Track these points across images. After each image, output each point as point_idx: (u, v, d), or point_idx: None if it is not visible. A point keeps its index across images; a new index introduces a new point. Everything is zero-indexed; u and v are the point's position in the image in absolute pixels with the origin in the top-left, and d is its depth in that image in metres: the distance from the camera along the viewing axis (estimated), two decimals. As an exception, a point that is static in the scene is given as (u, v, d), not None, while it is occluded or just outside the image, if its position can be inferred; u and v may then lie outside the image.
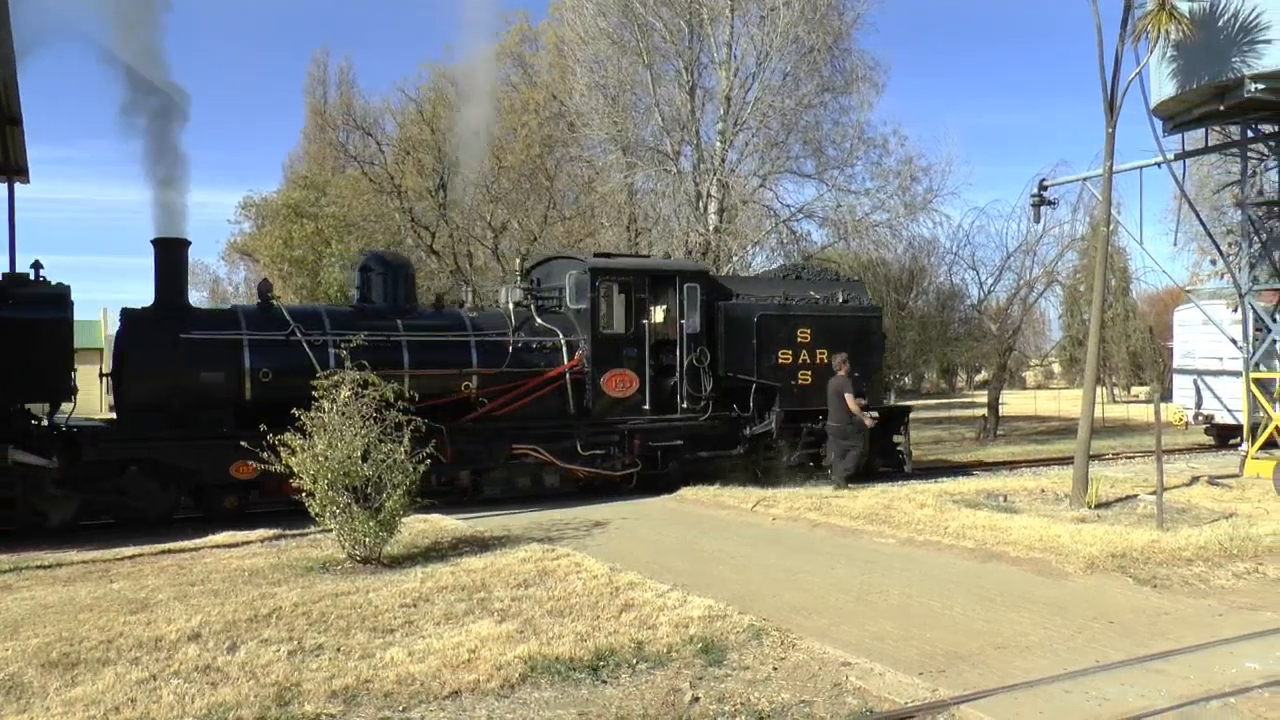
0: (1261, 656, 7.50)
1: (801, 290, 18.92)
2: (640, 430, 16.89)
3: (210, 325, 14.64)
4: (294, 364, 14.30)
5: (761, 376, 17.83)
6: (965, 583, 9.97)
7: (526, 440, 15.93)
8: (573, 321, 16.98)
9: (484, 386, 15.85)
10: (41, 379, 13.21)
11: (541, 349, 16.47)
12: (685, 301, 17.24)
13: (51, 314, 13.33)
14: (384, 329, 15.34)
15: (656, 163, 28.43)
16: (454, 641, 7.49)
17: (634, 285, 16.97)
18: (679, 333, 17.23)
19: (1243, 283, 18.70)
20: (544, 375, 16.31)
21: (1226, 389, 23.76)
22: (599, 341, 16.62)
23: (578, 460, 16.36)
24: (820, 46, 28.21)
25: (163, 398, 13.85)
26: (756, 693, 6.61)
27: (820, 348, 18.16)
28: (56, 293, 13.61)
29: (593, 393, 16.58)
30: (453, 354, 15.81)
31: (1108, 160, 15.18)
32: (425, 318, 16.21)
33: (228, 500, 14.40)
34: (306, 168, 43.74)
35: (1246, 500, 14.88)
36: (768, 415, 17.92)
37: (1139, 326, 54.22)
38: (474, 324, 16.32)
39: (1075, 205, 34.73)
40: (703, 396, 17.39)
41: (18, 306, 13.10)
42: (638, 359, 16.93)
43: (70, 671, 6.94)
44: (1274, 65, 16.20)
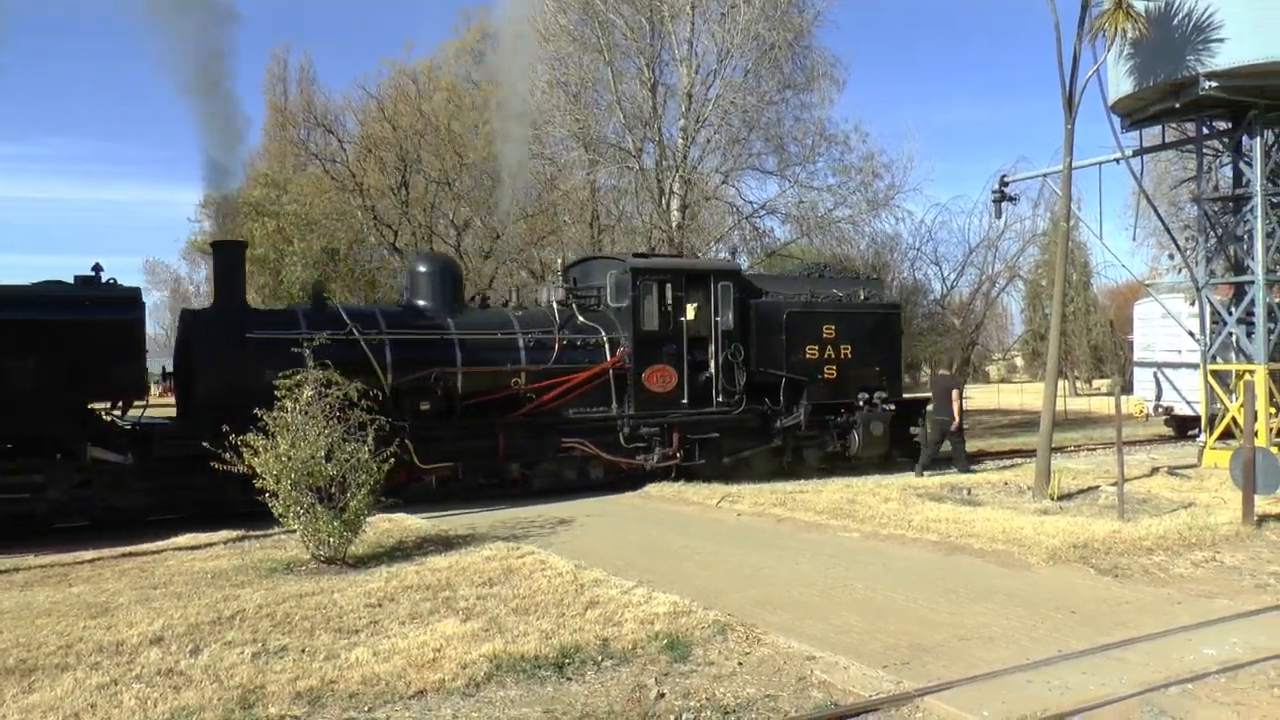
0: (1218, 643, 7.62)
1: (825, 288, 19.51)
2: (679, 423, 17.49)
3: (272, 325, 14.97)
4: (353, 362, 14.57)
5: (790, 371, 18.45)
6: (929, 575, 10.04)
7: (574, 434, 16.55)
8: (613, 319, 17.49)
9: (531, 382, 16.39)
10: (116, 378, 13.55)
11: (585, 346, 17.04)
12: (719, 299, 17.84)
13: (124, 314, 13.69)
14: (436, 328, 15.95)
15: (619, 160, 28.40)
16: (419, 641, 7.46)
17: (672, 284, 17.57)
18: (714, 329, 17.83)
19: (1199, 277, 18.95)
20: (589, 371, 16.87)
21: (1185, 381, 24.05)
22: (640, 338, 17.23)
23: (620, 453, 16.96)
24: (781, 44, 28.27)
25: (228, 396, 13.88)
26: (722, 688, 6.63)
27: (844, 343, 18.92)
28: (128, 294, 14.03)
29: (634, 388, 17.17)
30: (502, 352, 16.34)
31: (1067, 156, 15.33)
32: (474, 316, 16.79)
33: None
34: (267, 165, 43.32)
35: (1205, 490, 15.10)
36: (796, 409, 18.50)
37: (1100, 320, 54.77)
38: (521, 322, 16.81)
39: (1036, 201, 35.11)
40: (736, 391, 17.97)
41: (93, 308, 13.41)
42: (676, 355, 17.54)
43: (28, 678, 6.84)
44: (1227, 64, 16.43)
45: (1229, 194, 18.86)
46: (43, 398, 12.86)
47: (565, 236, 31.83)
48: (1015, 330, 56.60)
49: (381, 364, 15.19)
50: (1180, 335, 21.95)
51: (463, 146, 32.24)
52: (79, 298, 13.51)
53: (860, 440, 18.88)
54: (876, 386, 19.08)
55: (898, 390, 19.99)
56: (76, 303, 13.40)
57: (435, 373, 15.62)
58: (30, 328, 12.92)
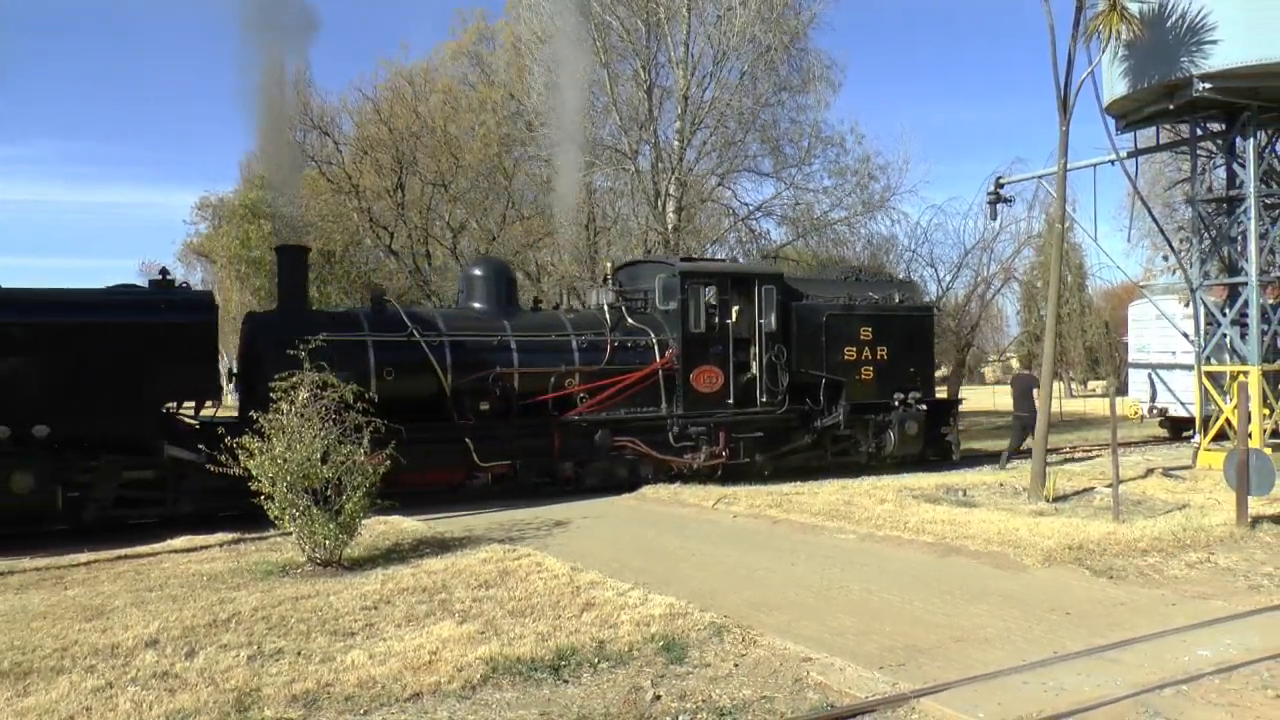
0: (1213, 644, 7.63)
1: (862, 291, 20.02)
2: (726, 423, 17.93)
3: (338, 327, 15.21)
4: (415, 363, 15.45)
5: (830, 372, 18.97)
6: (925, 577, 10.05)
7: (625, 433, 16.99)
8: (660, 321, 17.96)
9: (584, 383, 16.91)
10: (192, 379, 13.95)
11: (635, 347, 17.51)
12: (763, 302, 18.30)
13: (200, 317, 14.12)
14: (494, 330, 16.47)
15: (615, 162, 28.42)
16: (415, 643, 7.45)
17: (718, 287, 17.99)
18: (758, 331, 18.28)
19: (1194, 278, 18.98)
20: (640, 372, 17.36)
21: (1180, 382, 24.09)
22: (688, 340, 17.69)
23: (669, 451, 17.41)
24: (777, 46, 28.32)
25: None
26: (718, 690, 6.63)
27: (881, 345, 19.46)
28: (202, 298, 14.72)
29: (683, 388, 17.63)
30: (556, 353, 16.84)
31: (1062, 158, 15.37)
32: (529, 319, 17.28)
33: None
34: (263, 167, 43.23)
35: (1199, 491, 15.12)
36: (835, 408, 19.02)
37: (1095, 322, 54.81)
38: (573, 325, 17.33)
39: (1031, 203, 35.01)
40: (779, 391, 18.42)
41: (170, 310, 13.86)
42: (722, 356, 17.97)
43: (22, 681, 6.83)
44: (1221, 65, 16.48)
45: (1223, 195, 18.90)
46: (122, 398, 13.23)
47: (561, 239, 31.82)
48: (1011, 332, 56.55)
49: (442, 365, 15.71)
50: (1175, 337, 21.96)
51: (459, 148, 32.25)
52: (155, 301, 13.98)
53: (895, 439, 19.45)
54: (911, 387, 19.66)
55: (931, 391, 20.58)
56: (153, 306, 13.88)
57: (493, 373, 16.13)
58: (110, 330, 13.36)
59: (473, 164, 32.11)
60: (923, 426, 19.70)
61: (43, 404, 12.88)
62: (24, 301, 13.22)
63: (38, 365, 12.90)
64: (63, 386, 12.98)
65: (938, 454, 20.40)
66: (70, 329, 13.12)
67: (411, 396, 15.27)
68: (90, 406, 13.07)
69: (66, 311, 13.41)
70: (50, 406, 12.90)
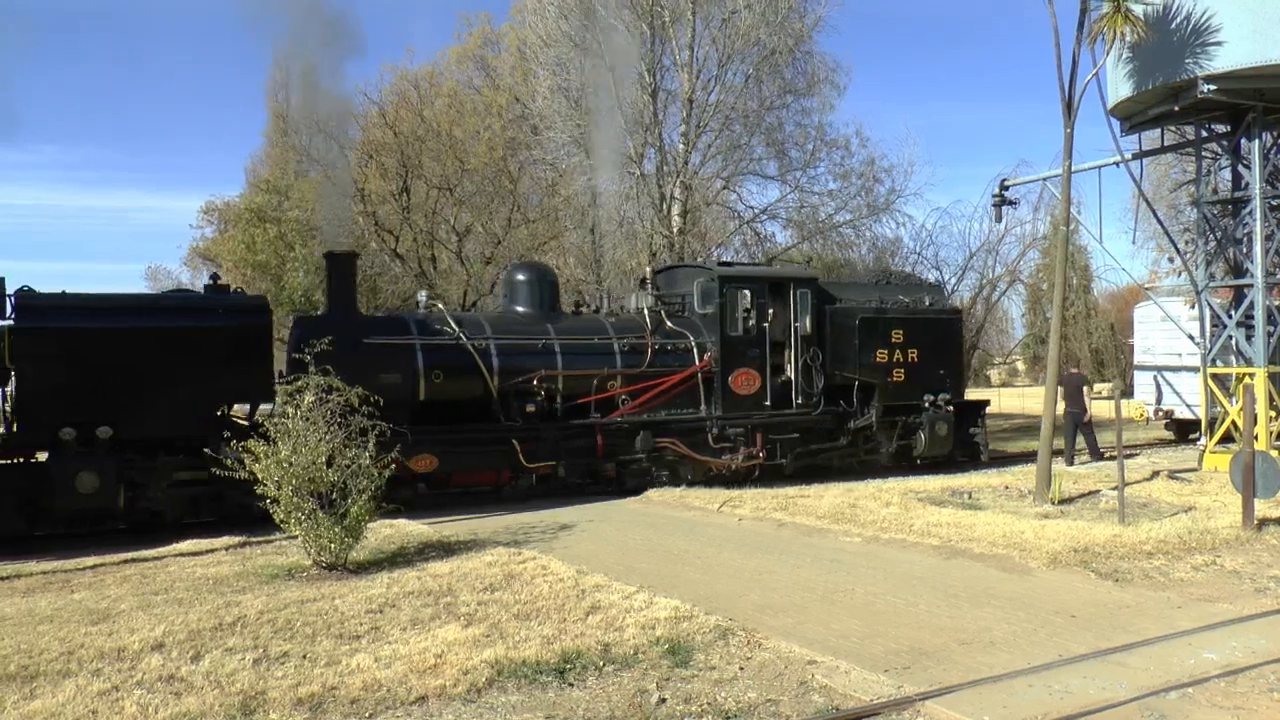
0: (1218, 647, 7.62)
1: (893, 294, 20.31)
2: (763, 425, 18.24)
3: (385, 330, 15.82)
4: (462, 365, 15.85)
5: (863, 374, 19.28)
6: (930, 580, 10.05)
7: (666, 435, 17.35)
8: (699, 325, 18.27)
9: (626, 385, 17.27)
10: (246, 380, 14.19)
11: (675, 350, 17.87)
12: (798, 305, 18.68)
13: (256, 320, 14.44)
14: (538, 333, 16.84)
15: (620, 165, 28.42)
16: (420, 647, 7.47)
17: (754, 291, 18.38)
18: (793, 334, 18.66)
19: (1199, 280, 18.95)
20: (679, 375, 17.72)
21: (1185, 384, 24.04)
22: (726, 343, 18.04)
23: (708, 452, 17.74)
24: (782, 49, 28.32)
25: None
26: (723, 693, 6.64)
27: (912, 347, 19.75)
28: (257, 302, 15.20)
29: (721, 390, 17.94)
30: (599, 356, 17.18)
31: (1067, 160, 15.34)
32: (571, 322, 17.69)
33: (405, 490, 15.15)
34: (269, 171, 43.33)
35: (1205, 494, 15.08)
36: (867, 410, 19.33)
37: (1100, 324, 54.70)
38: (614, 328, 17.65)
39: (1036, 205, 35.03)
40: (815, 393, 18.82)
41: (227, 314, 14.21)
42: (759, 359, 18.32)
43: (29, 684, 6.86)
44: (1226, 66, 16.45)
45: (1228, 197, 18.86)
46: (180, 400, 13.51)
47: (566, 242, 31.85)
48: (1016, 334, 56.47)
49: (489, 368, 16.05)
50: (1180, 339, 21.93)
51: (464, 152, 32.27)
52: (212, 305, 14.37)
53: (926, 440, 19.75)
54: (940, 388, 19.97)
55: (960, 392, 20.84)
56: (209, 310, 14.26)
57: (538, 376, 16.42)
58: (169, 333, 13.68)
59: (478, 168, 32.14)
60: (952, 427, 20.06)
61: (105, 406, 13.18)
62: (87, 306, 13.57)
63: (101, 368, 13.19)
64: (124, 389, 13.26)
65: (966, 454, 20.70)
66: (131, 332, 13.45)
67: (459, 398, 15.90)
68: (150, 408, 13.34)
69: (127, 316, 13.82)
70: (112, 408, 13.20)
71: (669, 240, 27.21)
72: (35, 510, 13.32)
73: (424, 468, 15.18)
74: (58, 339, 13.12)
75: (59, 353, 13.08)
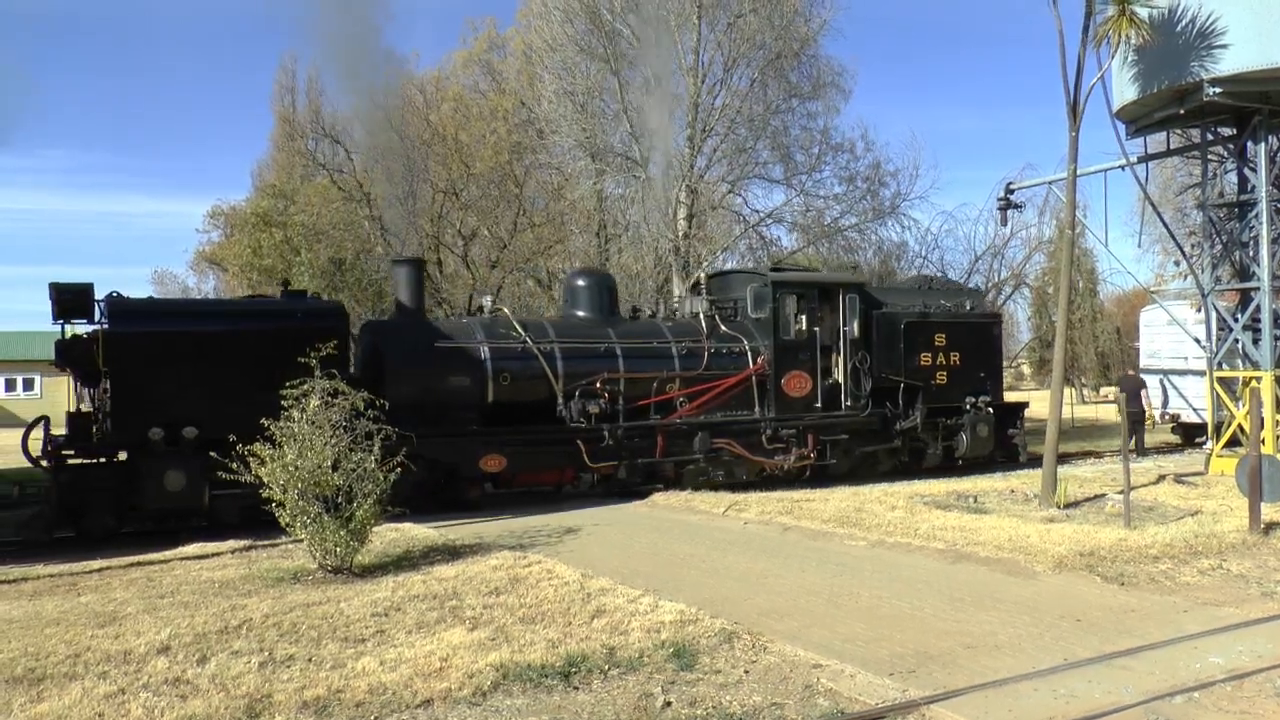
0: (1224, 651, 7.61)
1: (935, 299, 20.82)
2: (814, 426, 18.77)
3: (455, 335, 16.33)
4: (528, 369, 16.36)
5: (908, 377, 19.76)
6: (935, 583, 10.04)
7: (722, 436, 17.87)
8: (751, 329, 18.67)
9: (684, 388, 17.72)
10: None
11: (730, 354, 18.29)
12: (847, 309, 19.16)
13: (333, 324, 14.76)
14: (600, 337, 17.32)
15: (625, 169, 28.46)
16: (426, 650, 7.48)
17: (805, 296, 18.88)
18: (842, 338, 19.14)
19: (1205, 283, 18.93)
20: (735, 378, 18.16)
21: (1191, 388, 24.00)
22: (780, 346, 18.50)
23: (762, 453, 18.24)
24: (787, 53, 28.35)
25: (418, 399, 15.28)
26: (728, 696, 6.64)
27: (954, 350, 20.35)
28: (334, 307, 15.85)
29: (774, 393, 18.41)
30: (658, 359, 17.66)
31: (1072, 164, 15.35)
32: (631, 326, 18.12)
33: (473, 489, 16.04)
34: (275, 176, 43.41)
35: (1211, 497, 15.06)
36: (912, 411, 19.78)
37: (1106, 327, 54.63)
38: (672, 332, 18.12)
39: (1042, 208, 35.07)
40: (863, 395, 19.30)
41: (305, 318, 14.64)
42: (810, 362, 18.81)
43: (36, 687, 6.87)
44: (1231, 69, 16.45)
45: (1234, 200, 18.84)
46: (262, 401, 13.59)
47: (572, 246, 31.87)
48: (1021, 338, 56.37)
49: (554, 371, 16.52)
50: (1186, 342, 21.90)
51: (470, 156, 32.32)
52: (291, 309, 14.87)
53: (968, 441, 20.29)
54: (981, 391, 20.51)
55: (999, 394, 21.36)
56: (289, 314, 14.71)
57: (601, 378, 16.86)
58: (252, 337, 14.13)
59: (483, 172, 32.19)
60: (992, 428, 20.59)
61: (191, 407, 13.54)
62: (174, 311, 14.47)
63: (187, 371, 13.63)
64: (209, 390, 13.58)
65: (1005, 455, 21.12)
66: (216, 335, 13.97)
67: (525, 401, 16.39)
68: (234, 409, 13.35)
69: (212, 320, 14.57)
70: (198, 409, 13.53)
71: (674, 244, 27.21)
72: (123, 508, 13.75)
73: (493, 468, 15.86)
74: (147, 343, 13.62)
75: (148, 356, 13.58)
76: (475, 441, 15.84)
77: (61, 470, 13.81)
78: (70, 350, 14.10)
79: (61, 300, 14.00)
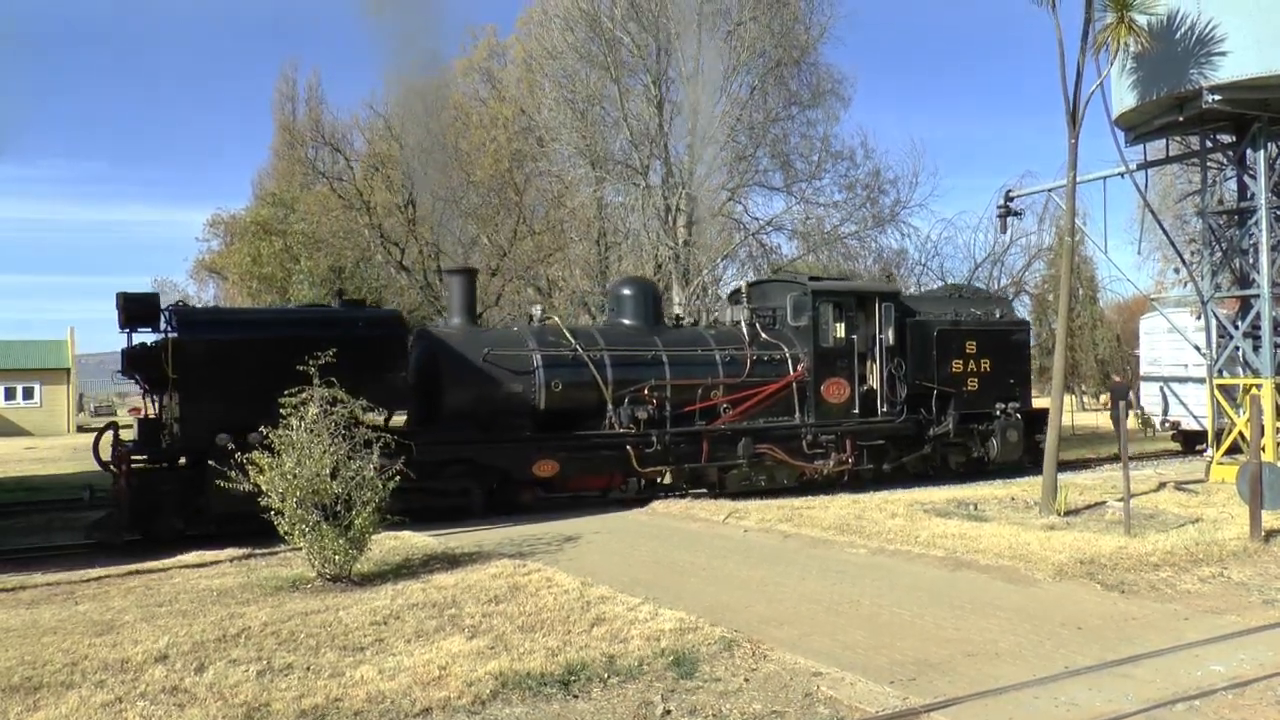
0: (1226, 659, 7.58)
1: (965, 307, 21.24)
2: (852, 431, 19.12)
3: (508, 344, 16.72)
4: (579, 376, 16.74)
5: (941, 383, 20.10)
6: (936, 591, 10.02)
7: (765, 441, 18.17)
8: (790, 336, 19.09)
9: (727, 394, 18.06)
10: (384, 388, 14.50)
11: (771, 361, 18.69)
12: (883, 317, 19.54)
13: (393, 332, 15.41)
14: (647, 344, 17.68)
15: (625, 177, 28.49)
16: (424, 658, 7.46)
17: (843, 304, 19.30)
18: (878, 346, 19.51)
19: (1205, 290, 18.91)
20: (777, 384, 18.50)
21: (1191, 395, 23.98)
22: (819, 354, 18.90)
23: (802, 458, 18.56)
24: (787, 61, 28.42)
25: (473, 406, 15.91)
26: (728, 704, 6.61)
27: (984, 357, 20.67)
28: (393, 314, 16.33)
29: (814, 399, 18.79)
30: (703, 367, 18.01)
31: (1071, 171, 15.34)
32: (676, 334, 18.51)
33: (526, 494, 16.36)
34: (275, 184, 43.46)
35: (1212, 505, 15.03)
36: (944, 417, 20.11)
37: (1106, 335, 54.67)
38: (715, 340, 18.50)
39: (1041, 216, 35.10)
40: (898, 401, 19.64)
41: (365, 326, 15.17)
42: (848, 368, 19.18)
43: (32, 695, 6.85)
44: (1230, 77, 16.44)
45: (1233, 207, 18.83)
46: None
47: (572, 254, 31.89)
48: (1022, 345, 56.38)
49: (604, 378, 16.88)
50: (1186, 349, 21.90)
51: (470, 164, 32.37)
52: (352, 318, 15.31)
53: (998, 447, 20.62)
54: (1010, 397, 20.82)
55: (1027, 400, 21.62)
56: (351, 322, 15.14)
57: (649, 385, 17.23)
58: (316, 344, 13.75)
59: (483, 179, 32.23)
60: (1022, 434, 20.84)
61: (258, 413, 13.34)
62: (239, 320, 14.85)
63: (253, 377, 13.52)
64: (275, 397, 13.37)
65: (1033, 460, 21.06)
66: (281, 342, 13.70)
67: (576, 407, 16.77)
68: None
69: (276, 328, 14.87)
70: (264, 415, 13.34)
71: (674, 252, 27.23)
72: (190, 512, 13.91)
73: (546, 473, 16.20)
74: (215, 350, 13.92)
75: (216, 363, 13.86)
76: (529, 447, 16.18)
77: (133, 475, 13.99)
78: (139, 358, 14.36)
79: (129, 309, 14.29)
